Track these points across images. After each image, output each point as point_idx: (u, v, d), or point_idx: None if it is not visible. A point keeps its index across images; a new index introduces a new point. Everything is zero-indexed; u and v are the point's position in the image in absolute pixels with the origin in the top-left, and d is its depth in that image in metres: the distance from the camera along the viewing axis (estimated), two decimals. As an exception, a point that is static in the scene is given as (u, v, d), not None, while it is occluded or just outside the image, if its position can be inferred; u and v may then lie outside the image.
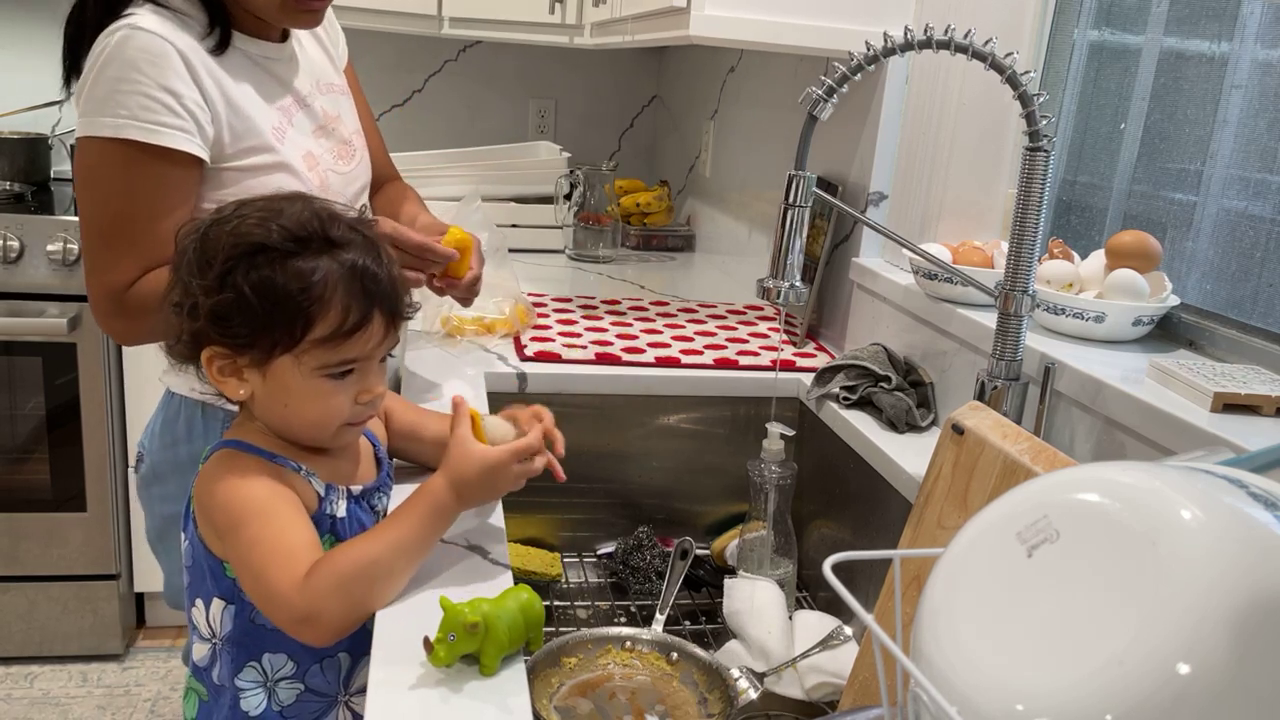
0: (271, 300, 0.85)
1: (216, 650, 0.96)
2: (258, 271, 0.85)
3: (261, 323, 0.86)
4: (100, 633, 2.37)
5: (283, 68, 1.23)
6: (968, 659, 0.50)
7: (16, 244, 2.12)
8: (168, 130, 1.07)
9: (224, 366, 0.89)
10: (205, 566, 0.94)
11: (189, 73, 1.08)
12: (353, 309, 0.87)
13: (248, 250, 0.86)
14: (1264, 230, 1.15)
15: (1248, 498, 0.50)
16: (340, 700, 0.97)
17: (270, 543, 0.85)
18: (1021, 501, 0.55)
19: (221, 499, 0.88)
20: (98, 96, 1.07)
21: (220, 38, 1.13)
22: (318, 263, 0.86)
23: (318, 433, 0.93)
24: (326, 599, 0.82)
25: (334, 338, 0.87)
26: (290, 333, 0.86)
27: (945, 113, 1.47)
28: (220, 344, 0.88)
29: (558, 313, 1.80)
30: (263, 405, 0.91)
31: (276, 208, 0.89)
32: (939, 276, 1.33)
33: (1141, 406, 0.97)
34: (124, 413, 2.31)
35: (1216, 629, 0.44)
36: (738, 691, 1.08)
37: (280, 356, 0.87)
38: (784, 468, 1.30)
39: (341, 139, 1.30)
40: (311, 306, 0.86)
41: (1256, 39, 1.16)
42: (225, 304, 0.85)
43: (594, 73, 3.01)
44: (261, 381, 0.89)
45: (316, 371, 0.88)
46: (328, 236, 0.88)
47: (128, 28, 1.06)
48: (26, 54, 2.72)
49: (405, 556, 0.87)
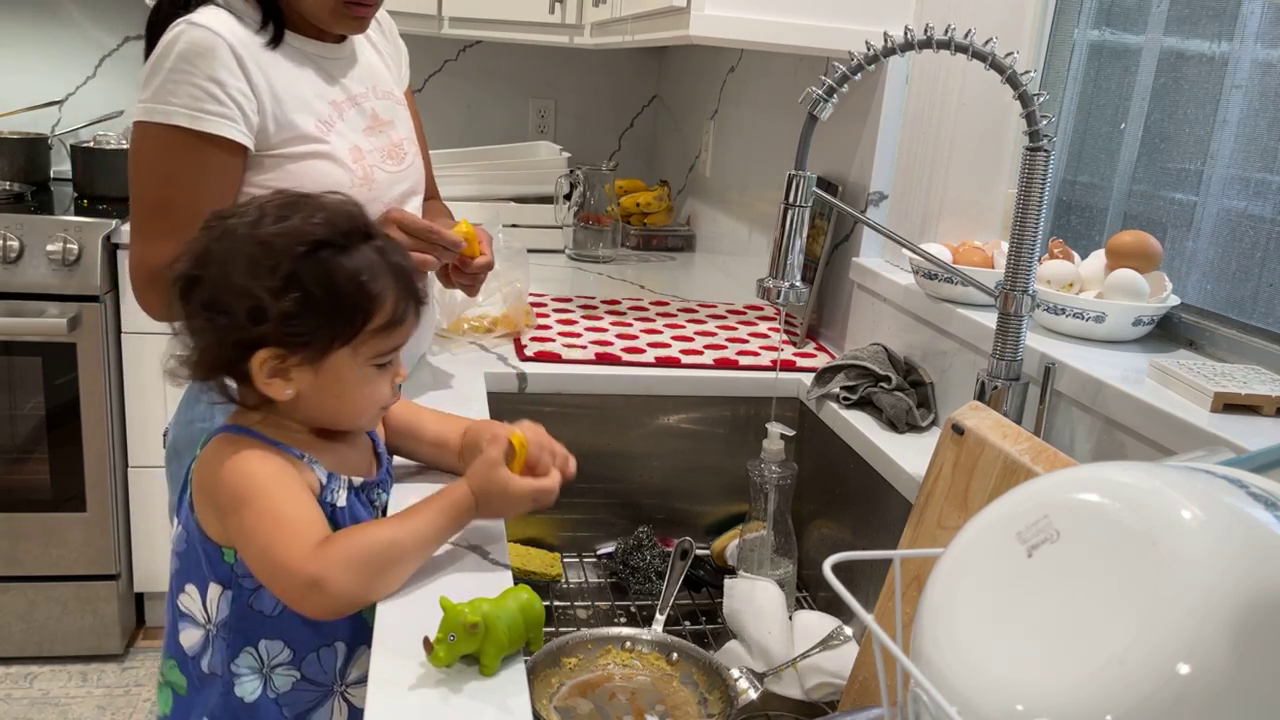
0: (337, 295, 0.88)
1: (210, 637, 0.95)
2: (321, 267, 0.87)
3: (327, 318, 0.88)
4: (100, 633, 2.37)
5: (337, 66, 1.28)
6: (968, 659, 0.50)
7: (16, 244, 2.12)
8: (211, 117, 1.14)
9: (274, 368, 0.89)
10: (201, 551, 0.94)
11: (237, 64, 1.15)
12: (401, 300, 0.92)
13: (310, 247, 0.87)
14: (1264, 230, 1.15)
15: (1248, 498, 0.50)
16: (336, 690, 0.97)
17: (278, 514, 0.86)
18: (1022, 501, 0.55)
19: (227, 476, 0.88)
20: (153, 86, 1.14)
21: (273, 34, 1.20)
22: (366, 255, 0.90)
23: (362, 420, 0.97)
24: (338, 568, 0.83)
25: (388, 327, 0.91)
26: (352, 325, 0.89)
27: (945, 113, 1.47)
28: (280, 344, 0.88)
29: (558, 313, 1.80)
30: (310, 401, 0.92)
31: (309, 204, 0.91)
32: (939, 276, 1.33)
33: (1142, 406, 0.97)
34: (124, 413, 2.31)
35: (1217, 629, 0.44)
36: (738, 691, 1.08)
37: (338, 350, 0.90)
38: (784, 468, 1.30)
39: (392, 141, 1.33)
40: (371, 300, 0.89)
41: (1256, 39, 1.16)
42: (295, 302, 0.86)
43: (594, 73, 3.01)
44: (313, 377, 0.90)
45: (369, 361, 0.92)
46: (366, 230, 0.92)
47: (185, 24, 1.15)
48: (26, 54, 2.72)
49: (421, 546, 0.89)
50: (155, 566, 2.40)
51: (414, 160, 1.38)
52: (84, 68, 2.74)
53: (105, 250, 2.17)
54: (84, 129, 2.67)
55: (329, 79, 1.26)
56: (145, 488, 2.35)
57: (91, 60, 2.74)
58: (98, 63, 2.74)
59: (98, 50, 2.73)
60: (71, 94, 2.75)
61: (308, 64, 1.24)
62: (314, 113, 1.22)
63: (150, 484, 2.34)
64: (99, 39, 2.73)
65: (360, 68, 1.32)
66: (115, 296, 2.23)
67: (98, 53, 2.74)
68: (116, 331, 2.25)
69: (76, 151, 2.51)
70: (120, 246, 2.20)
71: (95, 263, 2.15)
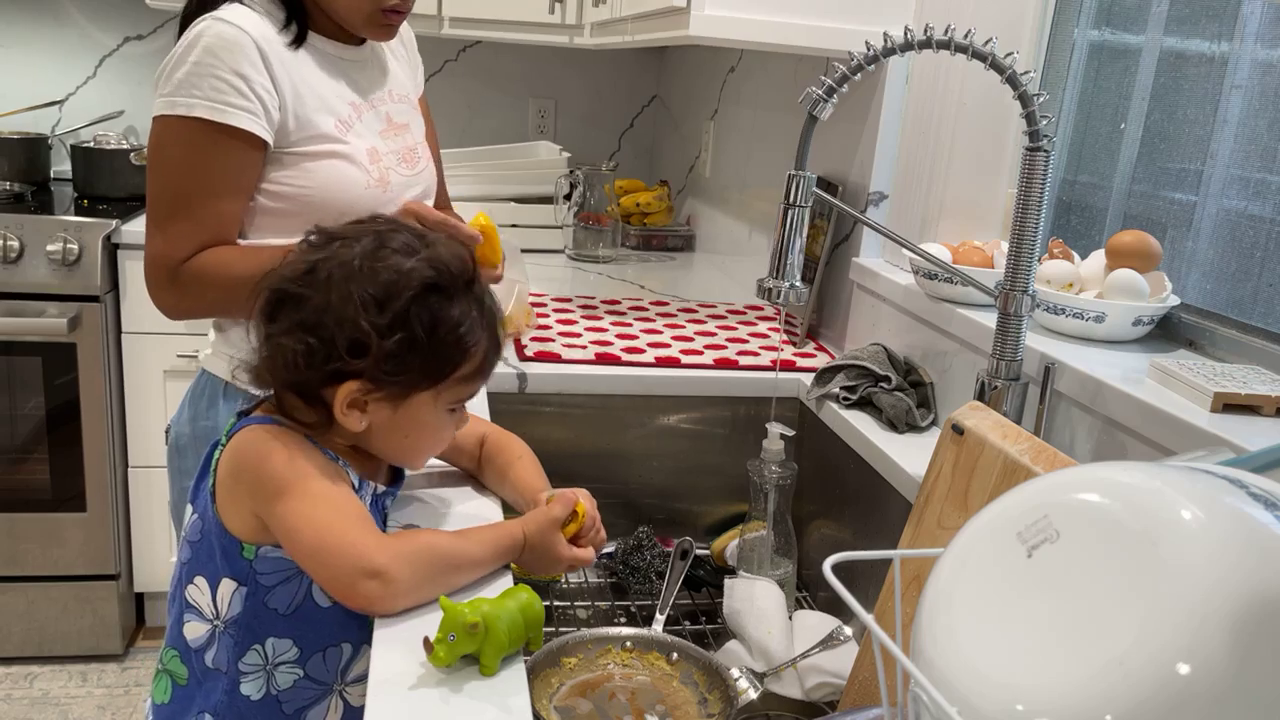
0: (438, 340, 0.88)
1: (216, 632, 0.94)
2: (429, 312, 0.87)
3: (423, 361, 0.88)
4: (100, 633, 2.37)
5: (357, 69, 1.29)
6: (968, 659, 0.50)
7: (16, 244, 2.12)
8: (234, 110, 1.14)
9: (356, 400, 0.89)
10: (217, 545, 0.92)
11: (261, 60, 1.15)
12: (490, 351, 0.93)
13: (423, 290, 0.87)
14: (1264, 230, 1.15)
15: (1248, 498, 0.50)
16: (335, 689, 0.97)
17: (338, 501, 0.86)
18: (1022, 501, 0.55)
19: (275, 462, 0.87)
20: (176, 79, 1.14)
21: (296, 33, 1.21)
22: (469, 304, 0.90)
23: (420, 460, 0.99)
24: (403, 565, 0.83)
25: (472, 376, 0.92)
26: (442, 370, 0.89)
27: (945, 113, 1.47)
28: (371, 380, 0.87)
29: (558, 313, 1.80)
30: (379, 435, 0.92)
31: (419, 243, 0.90)
32: (939, 276, 1.33)
33: (1142, 406, 0.97)
34: (124, 413, 2.31)
35: (1217, 630, 0.44)
36: (738, 691, 1.08)
37: (422, 393, 0.90)
38: (784, 468, 1.30)
39: (407, 145, 1.34)
40: (464, 351, 0.90)
41: (1256, 39, 1.16)
42: (400, 344, 0.86)
43: (594, 73, 3.01)
44: (391, 414, 0.90)
45: (448, 403, 0.92)
46: (473, 278, 0.92)
47: (210, 19, 1.15)
48: (26, 54, 2.72)
49: (472, 566, 0.90)
50: (155, 566, 2.40)
51: (427, 164, 1.39)
52: (84, 68, 2.74)
53: (105, 250, 2.17)
54: (84, 129, 2.67)
55: (349, 81, 1.27)
56: (145, 488, 2.35)
57: (91, 60, 2.74)
58: (98, 63, 2.74)
59: (98, 50, 2.73)
60: (71, 94, 2.75)
61: (329, 65, 1.25)
62: (333, 113, 1.23)
63: (150, 484, 2.34)
64: (99, 39, 2.73)
65: (378, 71, 1.33)
66: (115, 296, 2.23)
67: (98, 53, 2.74)
68: (116, 331, 2.25)
69: (76, 151, 2.51)
70: (120, 246, 2.20)
71: (95, 263, 2.15)
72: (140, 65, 2.74)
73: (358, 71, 1.29)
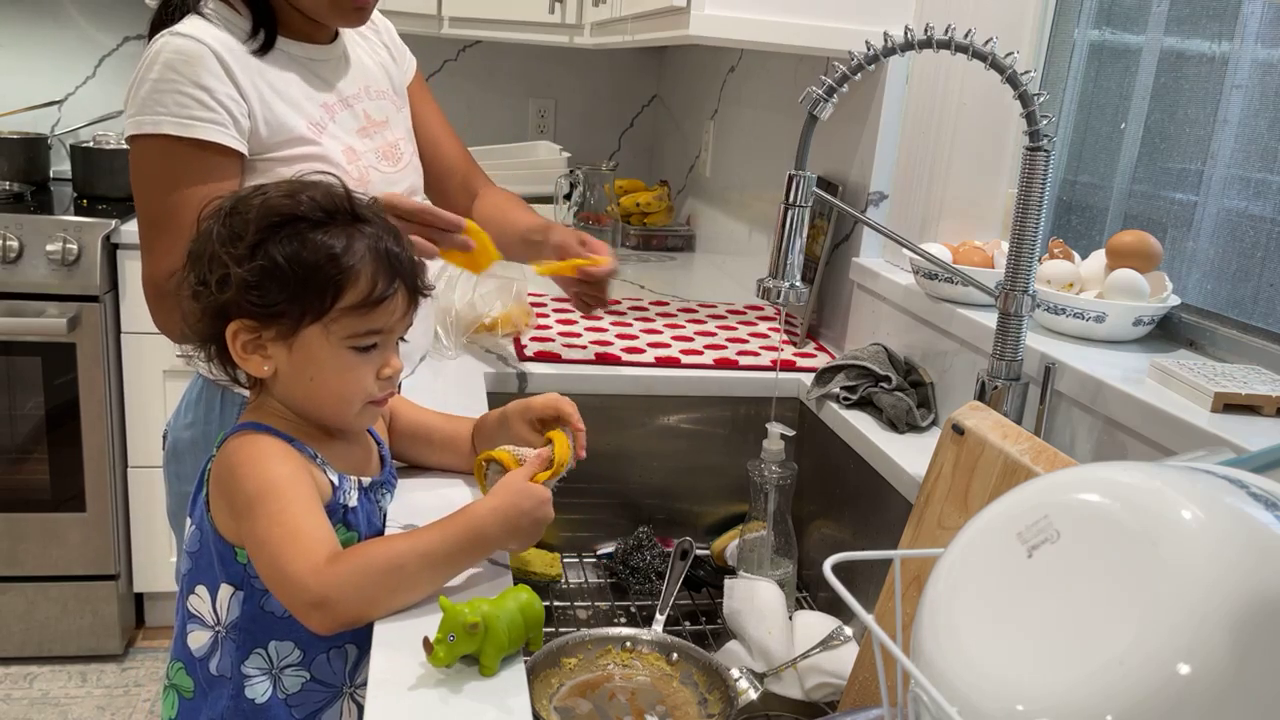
0: (304, 267, 0.87)
1: (219, 638, 0.95)
2: (290, 241, 0.87)
3: (293, 290, 0.87)
4: (100, 633, 2.37)
5: (328, 68, 1.27)
6: (968, 659, 0.50)
7: (16, 244, 2.12)
8: (200, 124, 1.13)
9: (248, 342, 0.89)
10: (214, 551, 0.93)
11: (223, 70, 1.14)
12: (380, 279, 0.90)
13: (279, 221, 0.88)
14: (1264, 230, 1.15)
15: (1248, 498, 0.50)
16: (345, 691, 0.97)
17: (289, 525, 0.85)
18: (1022, 502, 0.55)
19: (241, 477, 0.88)
20: (140, 98, 1.14)
21: (264, 41, 1.20)
22: (346, 234, 0.89)
23: (342, 408, 0.93)
24: (343, 589, 0.82)
25: (362, 306, 0.89)
26: (321, 300, 0.88)
27: (945, 113, 1.47)
28: (248, 315, 0.88)
29: (557, 313, 1.80)
30: (286, 381, 0.92)
31: (303, 184, 0.92)
32: (939, 276, 1.33)
33: (1142, 406, 0.97)
34: (123, 413, 2.31)
35: (1217, 630, 0.44)
36: (738, 692, 1.08)
37: (309, 326, 0.89)
38: (784, 468, 1.30)
39: (388, 142, 1.33)
40: (342, 275, 0.88)
41: (1257, 39, 1.16)
42: (257, 271, 0.87)
43: (594, 72, 3.01)
44: (287, 355, 0.90)
45: (344, 342, 0.90)
46: (354, 212, 0.91)
47: (168, 34, 1.14)
48: (26, 54, 2.72)
49: (431, 569, 0.86)
50: (155, 567, 2.40)
51: (411, 159, 1.37)
52: (83, 68, 2.74)
53: (105, 250, 2.17)
54: (83, 129, 2.67)
55: (319, 81, 1.25)
56: (145, 488, 2.35)
57: (91, 60, 2.74)
58: (97, 63, 2.74)
59: (97, 50, 2.73)
60: (71, 94, 2.75)
61: (296, 67, 1.23)
62: (305, 115, 1.22)
63: (150, 484, 2.34)
64: (98, 39, 2.73)
65: (352, 68, 1.31)
66: (115, 296, 2.23)
67: (97, 53, 2.74)
68: (116, 331, 2.25)
69: (76, 151, 2.51)
70: (120, 246, 2.20)
71: (95, 263, 2.15)
72: (140, 65, 2.74)
73: (329, 71, 1.27)
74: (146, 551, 2.39)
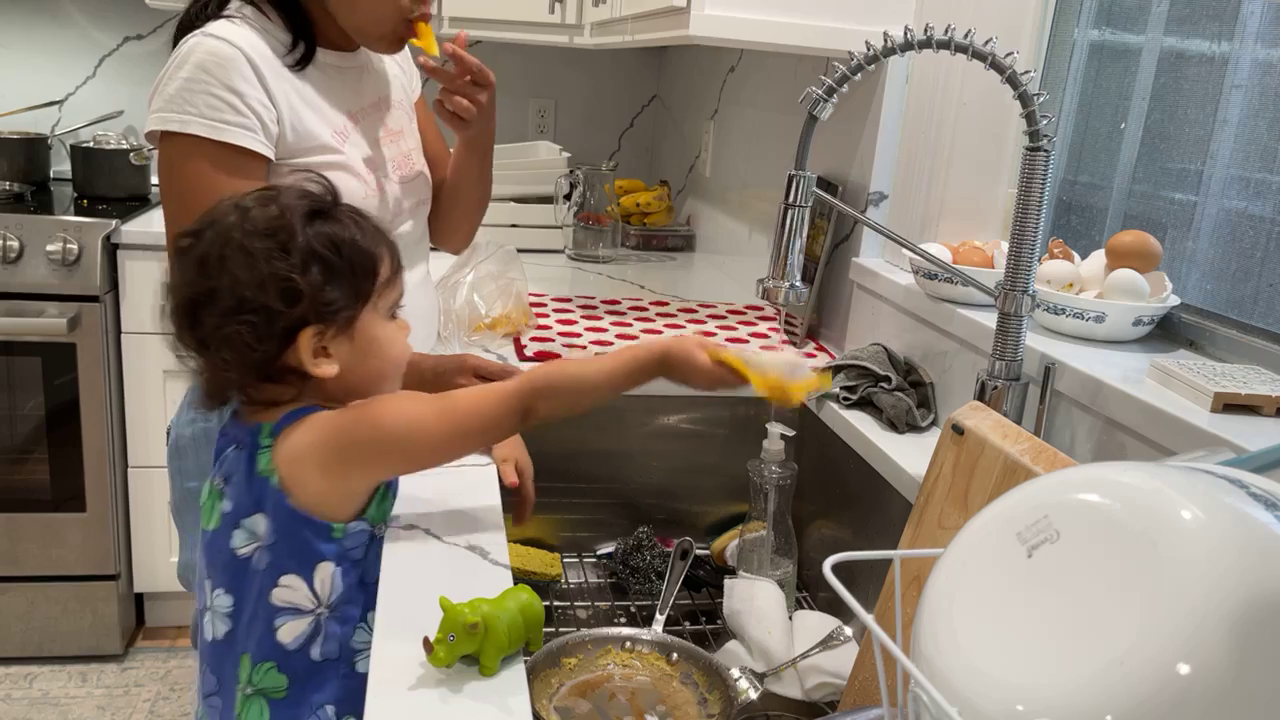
0: (346, 252, 0.90)
1: (321, 620, 0.92)
2: (323, 236, 0.89)
3: (349, 280, 0.90)
4: (100, 633, 2.37)
5: (352, 76, 1.28)
6: (968, 659, 0.50)
7: (16, 244, 2.12)
8: (231, 128, 1.13)
9: (317, 347, 0.90)
10: (303, 535, 0.90)
11: (255, 75, 1.14)
12: (384, 246, 0.94)
13: (305, 221, 0.89)
14: (1264, 230, 1.15)
15: (1248, 498, 0.50)
16: None
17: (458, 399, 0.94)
18: (1022, 502, 0.55)
19: (353, 414, 0.90)
20: (168, 94, 1.13)
21: (303, 54, 1.20)
22: (343, 219, 0.92)
23: (397, 374, 0.98)
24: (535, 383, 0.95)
25: (392, 276, 0.94)
26: (369, 279, 0.91)
27: (945, 113, 1.47)
28: (318, 320, 0.89)
29: (557, 313, 1.80)
30: (348, 372, 0.92)
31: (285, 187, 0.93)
32: (939, 276, 1.33)
33: (1142, 406, 0.97)
34: (123, 413, 2.31)
35: (1217, 630, 0.44)
36: (738, 692, 1.08)
37: (364, 311, 0.92)
38: (784, 468, 1.30)
39: (403, 151, 1.33)
40: (372, 253, 0.92)
41: (1257, 39, 1.16)
42: (321, 272, 0.88)
43: (594, 73, 3.01)
44: (350, 346, 0.91)
45: (388, 312, 0.95)
46: (334, 198, 0.94)
47: (200, 35, 1.14)
48: (26, 54, 2.72)
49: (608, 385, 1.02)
50: (155, 567, 2.40)
51: (422, 170, 1.38)
52: (83, 68, 2.74)
53: (105, 250, 2.17)
54: (84, 129, 2.67)
55: (344, 89, 1.26)
56: (145, 488, 2.35)
57: (91, 60, 2.74)
58: (97, 63, 2.74)
59: (97, 50, 2.73)
60: (71, 94, 2.75)
61: (323, 74, 1.23)
62: (330, 123, 1.22)
63: (150, 484, 2.34)
64: (98, 39, 2.73)
65: (373, 77, 1.32)
66: (115, 297, 2.23)
67: (97, 53, 2.74)
68: (116, 331, 2.25)
69: (76, 151, 2.51)
70: (120, 246, 2.20)
71: (95, 263, 2.15)
72: (140, 65, 2.74)
73: (353, 79, 1.28)
74: (147, 552, 2.39)
